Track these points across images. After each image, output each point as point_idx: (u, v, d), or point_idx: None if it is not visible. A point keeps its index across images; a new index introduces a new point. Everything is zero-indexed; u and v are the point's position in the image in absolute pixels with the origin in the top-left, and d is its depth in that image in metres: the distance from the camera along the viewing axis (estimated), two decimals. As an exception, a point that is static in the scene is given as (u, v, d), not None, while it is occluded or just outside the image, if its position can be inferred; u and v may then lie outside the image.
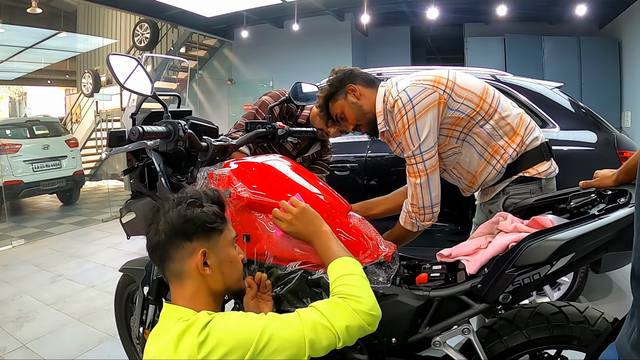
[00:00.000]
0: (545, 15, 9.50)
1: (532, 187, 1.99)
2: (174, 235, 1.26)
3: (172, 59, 11.65)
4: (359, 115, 2.11)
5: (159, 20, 11.02)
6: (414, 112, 1.87)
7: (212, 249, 1.28)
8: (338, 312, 1.22)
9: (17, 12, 12.22)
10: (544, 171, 1.99)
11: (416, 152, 1.89)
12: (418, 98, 1.88)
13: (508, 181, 2.02)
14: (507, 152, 1.97)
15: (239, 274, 1.37)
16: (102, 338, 3.40)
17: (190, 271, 1.26)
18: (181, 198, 1.31)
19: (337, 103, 2.13)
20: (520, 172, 1.99)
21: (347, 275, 1.33)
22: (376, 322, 1.28)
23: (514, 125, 1.98)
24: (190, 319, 1.16)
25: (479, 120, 1.96)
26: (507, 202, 2.01)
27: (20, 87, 20.74)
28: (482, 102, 1.95)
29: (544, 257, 1.30)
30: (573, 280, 3.42)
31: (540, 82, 3.91)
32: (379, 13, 9.84)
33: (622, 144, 3.43)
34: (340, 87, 2.12)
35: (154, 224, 1.29)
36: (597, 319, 1.50)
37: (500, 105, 1.99)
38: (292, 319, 1.19)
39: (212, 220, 1.29)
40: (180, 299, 1.27)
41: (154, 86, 1.75)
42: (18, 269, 5.22)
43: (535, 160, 2.00)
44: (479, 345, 1.48)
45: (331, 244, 1.45)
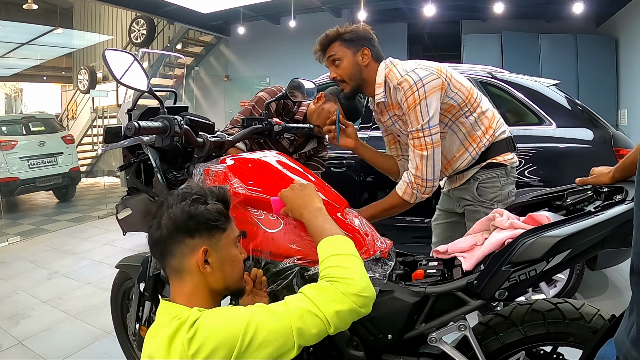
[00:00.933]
0: (542, 13, 9.49)
1: (499, 172, 2.28)
2: (175, 231, 1.24)
3: (168, 55, 11.62)
4: (354, 75, 2.25)
5: (155, 16, 10.99)
6: (424, 89, 2.06)
7: (214, 247, 1.27)
8: (326, 297, 1.19)
9: (13, 8, 12.18)
10: (509, 159, 2.29)
11: (425, 126, 2.08)
12: (427, 79, 2.08)
13: (478, 167, 2.29)
14: (482, 142, 2.26)
15: (239, 274, 1.35)
16: (99, 335, 3.39)
17: (190, 268, 1.25)
18: (186, 194, 1.29)
19: (345, 51, 2.23)
20: (489, 159, 2.27)
21: (337, 255, 1.30)
22: (370, 303, 1.23)
23: (490, 119, 2.28)
24: (183, 316, 1.15)
25: (465, 111, 2.22)
26: (480, 188, 2.29)
27: (16, 84, 20.70)
28: (470, 96, 2.22)
29: (540, 254, 1.30)
30: (569, 278, 3.43)
31: (537, 79, 3.92)
32: (375, 10, 9.83)
33: (619, 142, 3.44)
34: (357, 41, 2.24)
35: (157, 218, 1.28)
36: (593, 316, 1.50)
37: (482, 101, 2.29)
38: (279, 308, 1.17)
39: (215, 218, 1.27)
40: (178, 295, 1.26)
41: (150, 82, 1.75)
42: (14, 266, 5.21)
43: (502, 150, 2.28)
44: (475, 341, 1.48)
45: (322, 220, 1.43)
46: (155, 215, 1.29)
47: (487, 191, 2.28)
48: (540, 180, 3.46)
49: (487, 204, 2.27)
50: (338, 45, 2.24)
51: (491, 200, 2.28)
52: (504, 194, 2.28)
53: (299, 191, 1.51)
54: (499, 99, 3.76)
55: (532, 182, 3.46)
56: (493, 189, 2.28)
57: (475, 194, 2.29)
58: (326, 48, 2.27)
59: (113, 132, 1.92)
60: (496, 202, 2.27)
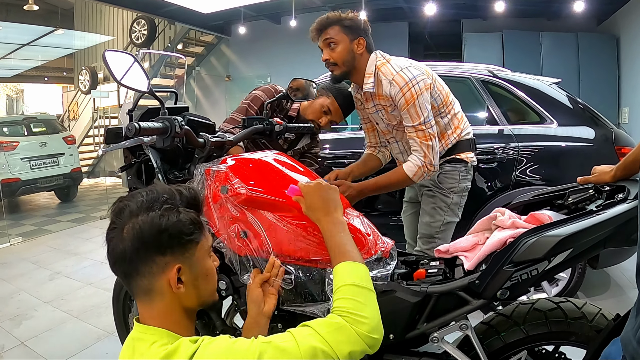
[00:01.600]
0: (543, 12, 9.47)
1: (460, 167, 2.52)
2: (143, 247, 1.07)
3: (169, 56, 11.62)
4: (347, 61, 2.37)
5: (156, 16, 11.00)
6: (419, 86, 2.25)
7: (187, 262, 1.12)
8: (340, 336, 1.09)
9: (14, 9, 12.18)
10: (470, 157, 2.54)
11: (427, 119, 2.28)
12: (419, 78, 2.27)
13: (442, 160, 2.47)
14: (449, 139, 2.49)
15: (213, 286, 1.23)
16: (101, 335, 3.39)
17: (161, 288, 1.10)
18: (153, 200, 1.11)
19: (342, 36, 2.35)
20: (453, 154, 2.51)
21: (353, 286, 1.20)
22: (377, 344, 1.16)
23: (459, 120, 2.52)
24: (168, 346, 1.03)
25: (442, 112, 2.44)
26: (440, 177, 2.51)
27: (17, 85, 20.70)
28: (447, 98, 2.46)
29: (542, 253, 1.30)
30: (571, 276, 3.42)
31: (538, 78, 3.91)
32: (376, 9, 9.81)
33: (620, 140, 3.43)
34: (355, 29, 2.36)
35: (117, 228, 1.10)
36: (596, 315, 1.50)
37: (455, 104, 2.52)
38: (288, 345, 1.04)
39: (189, 231, 1.12)
40: (149, 318, 1.12)
41: (150, 82, 1.74)
42: (16, 266, 5.21)
43: (465, 148, 2.53)
44: (476, 341, 1.48)
45: (344, 239, 1.34)
46: (115, 224, 1.12)
47: (446, 180, 2.51)
48: (541, 179, 3.45)
49: (445, 192, 2.52)
50: (337, 29, 2.35)
51: (448, 189, 2.52)
52: (460, 187, 2.53)
53: (324, 193, 1.43)
54: (501, 97, 3.76)
55: (534, 181, 3.46)
56: (452, 180, 2.51)
57: (436, 181, 2.52)
58: (324, 29, 2.37)
59: (114, 132, 1.92)
60: (452, 192, 2.52)
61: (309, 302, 1.51)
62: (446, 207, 2.52)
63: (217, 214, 1.59)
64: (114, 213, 1.13)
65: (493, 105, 3.71)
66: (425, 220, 2.56)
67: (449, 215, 2.53)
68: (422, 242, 2.58)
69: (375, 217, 3.24)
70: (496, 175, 3.53)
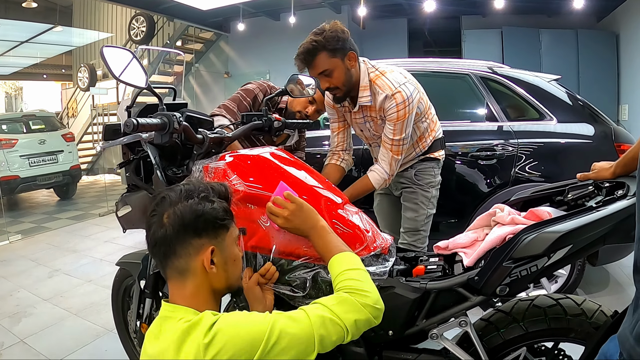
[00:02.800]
0: (542, 8, 9.47)
1: (433, 164, 2.68)
2: (182, 231, 1.20)
3: (167, 52, 11.61)
4: (347, 81, 2.32)
5: (155, 13, 10.98)
6: (413, 105, 2.32)
7: (219, 246, 1.24)
8: (346, 306, 1.21)
9: (13, 7, 12.16)
10: (441, 155, 2.72)
11: (406, 137, 2.38)
12: (414, 96, 2.33)
13: (417, 159, 2.66)
14: (426, 141, 2.63)
15: (239, 272, 1.34)
16: (100, 332, 3.39)
17: (195, 269, 1.22)
18: (191, 191, 1.25)
19: (333, 60, 2.24)
20: (428, 154, 2.66)
21: (350, 269, 1.32)
22: (381, 314, 1.26)
23: (434, 123, 2.67)
24: (193, 319, 1.13)
25: (422, 118, 2.55)
26: (417, 174, 2.66)
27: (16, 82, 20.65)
28: (427, 105, 2.58)
29: (542, 249, 1.30)
30: (570, 273, 3.42)
31: (537, 74, 3.90)
32: (375, 5, 9.81)
33: (620, 137, 3.43)
34: (342, 48, 2.24)
35: (157, 215, 1.23)
36: (595, 312, 1.50)
37: (431, 109, 2.64)
38: (299, 315, 1.17)
39: (222, 216, 1.25)
40: (179, 297, 1.22)
41: (148, 79, 1.74)
42: (15, 264, 5.21)
43: (437, 148, 2.69)
44: (476, 337, 1.48)
45: (330, 238, 1.43)
46: (154, 212, 1.24)
47: (424, 177, 2.66)
48: (541, 175, 3.45)
49: (424, 187, 2.66)
50: (325, 56, 2.22)
51: (427, 184, 2.66)
52: (436, 181, 2.70)
53: (296, 218, 1.46)
54: (500, 94, 3.75)
55: (533, 178, 3.45)
56: (429, 176, 2.66)
57: (414, 179, 2.66)
58: (311, 62, 2.24)
59: (112, 129, 1.92)
60: (430, 186, 2.66)
61: (308, 298, 1.51)
62: (427, 200, 2.66)
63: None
64: (155, 202, 1.26)
65: (492, 101, 3.70)
66: (409, 215, 2.67)
67: (430, 208, 2.68)
68: (407, 235, 2.68)
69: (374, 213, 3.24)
70: (495, 172, 3.53)
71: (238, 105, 2.65)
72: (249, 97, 2.65)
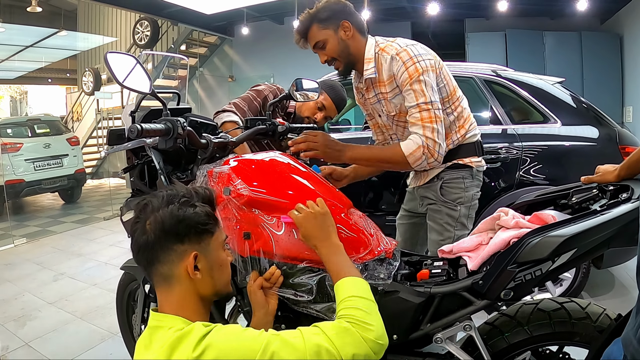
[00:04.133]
0: (546, 11, 9.45)
1: (464, 173, 2.22)
2: (164, 236, 1.18)
3: (171, 57, 11.64)
4: (343, 52, 2.16)
5: (159, 17, 11.01)
6: (425, 63, 2.02)
7: (203, 251, 1.23)
8: (346, 338, 1.15)
9: (17, 11, 12.22)
10: (475, 162, 2.24)
11: (433, 98, 2.01)
12: (425, 55, 2.06)
13: (443, 167, 2.20)
14: (451, 139, 2.18)
15: (228, 278, 1.32)
16: (105, 336, 3.40)
17: (179, 275, 1.20)
18: (172, 196, 1.23)
19: (324, 31, 2.15)
20: (456, 159, 2.20)
21: (357, 297, 1.26)
22: (382, 350, 1.20)
23: (465, 119, 2.22)
24: (184, 329, 1.11)
25: (446, 108, 2.15)
26: (444, 187, 2.22)
27: (21, 86, 20.74)
28: (453, 93, 2.17)
29: (546, 253, 1.29)
30: (575, 276, 3.42)
31: (541, 77, 3.91)
32: (379, 8, 9.80)
33: (624, 139, 3.43)
34: (333, 17, 2.13)
35: (140, 221, 1.21)
36: (600, 315, 1.50)
37: (462, 102, 2.23)
38: (296, 340, 1.12)
39: (205, 221, 1.23)
40: (167, 304, 1.21)
41: (152, 84, 1.74)
42: (20, 267, 5.23)
43: (470, 152, 2.23)
44: (480, 341, 1.48)
45: (342, 259, 1.40)
46: (137, 219, 1.23)
47: (450, 191, 2.22)
48: (545, 178, 3.45)
49: (450, 204, 2.22)
50: (316, 28, 2.15)
51: (454, 200, 2.22)
52: (467, 196, 2.22)
53: (316, 221, 1.45)
54: (504, 97, 3.75)
55: (538, 181, 3.45)
56: (457, 190, 2.22)
57: (439, 193, 2.23)
58: (305, 35, 2.20)
59: (116, 134, 1.92)
60: (459, 203, 2.22)
61: (313, 303, 1.51)
62: (454, 221, 2.23)
63: (221, 216, 1.58)
64: (139, 209, 1.24)
65: (497, 104, 3.71)
66: (434, 238, 2.29)
67: (459, 230, 2.24)
68: None
69: (378, 217, 3.24)
70: (500, 175, 3.52)
71: (249, 105, 2.67)
72: (260, 98, 2.67)
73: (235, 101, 2.68)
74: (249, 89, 2.77)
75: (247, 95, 2.70)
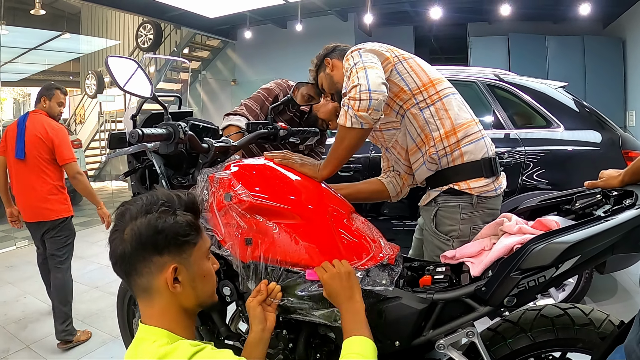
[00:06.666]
0: (549, 15, 9.47)
1: (462, 201, 1.92)
2: (141, 248, 1.12)
3: (174, 60, 11.66)
4: (330, 85, 2.21)
5: (162, 21, 11.03)
6: (359, 52, 1.89)
7: (184, 263, 1.16)
8: None
9: (21, 14, 12.23)
10: (477, 187, 1.90)
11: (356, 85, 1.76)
12: (364, 46, 1.98)
13: (439, 190, 1.97)
14: (436, 146, 1.92)
15: (212, 288, 1.27)
16: (106, 339, 3.40)
17: (159, 287, 1.14)
18: (151, 203, 1.16)
19: (319, 76, 2.26)
20: (451, 183, 1.93)
21: (360, 355, 1.25)
22: None
23: (455, 123, 1.93)
24: (167, 345, 1.07)
25: (419, 101, 1.94)
26: (438, 216, 1.97)
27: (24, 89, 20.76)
28: (429, 86, 1.95)
29: (550, 260, 1.28)
30: (578, 282, 3.41)
31: (544, 81, 3.90)
32: (382, 13, 9.83)
33: (627, 144, 3.42)
34: (321, 62, 2.25)
35: (119, 231, 1.15)
36: (603, 322, 1.49)
37: (447, 98, 1.96)
38: None
39: (185, 232, 1.16)
40: (149, 317, 1.16)
41: (154, 88, 1.74)
42: (22, 269, 5.22)
43: (470, 174, 1.92)
44: (483, 348, 1.47)
45: (358, 319, 1.37)
46: (116, 227, 1.16)
47: (444, 222, 1.96)
48: (548, 183, 3.44)
49: (441, 237, 1.97)
50: (319, 77, 2.28)
51: (446, 234, 1.95)
52: (463, 230, 1.93)
53: (341, 282, 1.41)
54: (507, 101, 3.75)
55: (540, 186, 3.44)
56: (451, 220, 1.95)
57: (432, 222, 1.99)
58: (318, 88, 2.32)
59: (117, 137, 1.92)
60: (452, 237, 1.94)
61: (314, 309, 1.50)
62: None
63: (222, 221, 1.58)
64: (117, 217, 1.17)
65: (499, 109, 3.70)
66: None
67: None
68: None
69: (380, 222, 3.23)
70: (502, 180, 3.51)
71: (261, 106, 2.67)
72: (271, 97, 2.68)
73: (246, 102, 2.68)
74: (259, 88, 2.77)
75: (258, 96, 2.70)
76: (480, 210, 1.93)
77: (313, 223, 1.55)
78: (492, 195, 1.94)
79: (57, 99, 3.61)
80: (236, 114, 2.62)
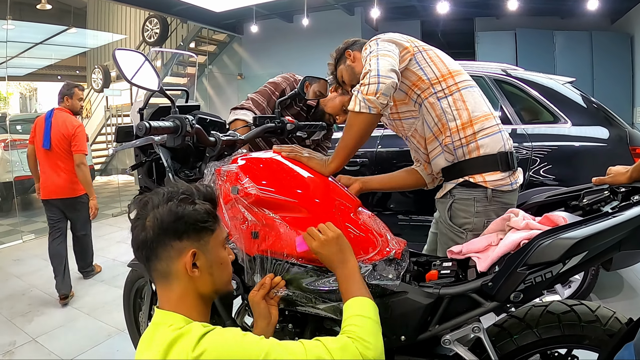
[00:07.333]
0: (556, 10, 9.41)
1: (477, 194, 1.93)
2: (162, 233, 1.18)
3: (180, 54, 11.66)
4: (351, 76, 2.23)
5: (169, 15, 11.03)
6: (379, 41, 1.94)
7: (202, 249, 1.22)
8: (346, 353, 1.16)
9: (27, 9, 12.25)
10: (492, 180, 1.91)
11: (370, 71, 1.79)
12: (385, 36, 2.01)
13: (455, 182, 1.98)
14: (452, 137, 1.94)
15: (228, 276, 1.32)
16: (112, 332, 3.41)
17: (177, 272, 1.20)
18: (172, 193, 1.23)
19: (339, 68, 2.30)
20: (466, 175, 1.94)
21: (362, 316, 1.27)
22: None
23: (472, 116, 1.94)
24: (182, 327, 1.11)
25: (437, 91, 1.95)
26: (453, 208, 1.98)
27: (30, 83, 20.82)
28: (448, 77, 1.97)
29: (557, 256, 1.28)
30: (584, 278, 3.40)
31: (551, 77, 3.88)
32: (389, 7, 9.79)
33: (635, 140, 3.40)
34: (342, 55, 2.29)
35: (140, 218, 1.21)
36: (609, 319, 1.48)
37: (466, 90, 1.98)
38: (296, 349, 1.12)
39: (204, 219, 1.22)
40: (166, 301, 1.21)
41: (161, 81, 1.74)
42: (28, 263, 5.25)
43: (486, 167, 1.93)
44: (489, 343, 1.47)
45: (355, 280, 1.39)
46: (139, 215, 1.23)
47: (458, 214, 1.98)
48: (555, 179, 3.42)
49: (455, 230, 1.99)
50: (337, 71, 2.32)
51: (460, 226, 1.97)
52: (477, 222, 1.94)
53: (331, 247, 1.42)
54: (514, 96, 3.73)
55: (548, 181, 3.43)
56: (465, 213, 1.96)
57: (447, 214, 2.00)
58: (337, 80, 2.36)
59: (124, 131, 1.92)
60: (466, 230, 1.95)
61: (319, 302, 1.50)
62: None
63: (229, 215, 1.58)
64: (139, 206, 1.24)
65: (506, 104, 3.69)
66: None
67: None
68: None
69: (387, 216, 3.22)
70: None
71: (268, 100, 2.67)
72: (278, 92, 2.68)
73: (253, 96, 2.68)
74: (266, 82, 2.77)
75: (265, 90, 2.70)
76: (495, 204, 1.93)
77: (320, 217, 1.55)
78: (508, 189, 1.94)
79: (77, 96, 4.48)
80: (243, 108, 2.62)
